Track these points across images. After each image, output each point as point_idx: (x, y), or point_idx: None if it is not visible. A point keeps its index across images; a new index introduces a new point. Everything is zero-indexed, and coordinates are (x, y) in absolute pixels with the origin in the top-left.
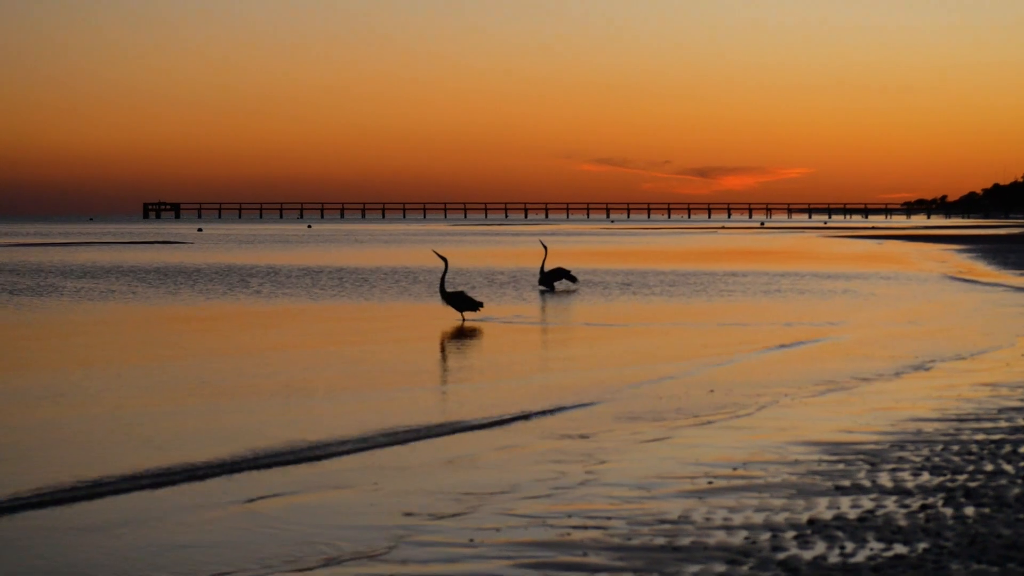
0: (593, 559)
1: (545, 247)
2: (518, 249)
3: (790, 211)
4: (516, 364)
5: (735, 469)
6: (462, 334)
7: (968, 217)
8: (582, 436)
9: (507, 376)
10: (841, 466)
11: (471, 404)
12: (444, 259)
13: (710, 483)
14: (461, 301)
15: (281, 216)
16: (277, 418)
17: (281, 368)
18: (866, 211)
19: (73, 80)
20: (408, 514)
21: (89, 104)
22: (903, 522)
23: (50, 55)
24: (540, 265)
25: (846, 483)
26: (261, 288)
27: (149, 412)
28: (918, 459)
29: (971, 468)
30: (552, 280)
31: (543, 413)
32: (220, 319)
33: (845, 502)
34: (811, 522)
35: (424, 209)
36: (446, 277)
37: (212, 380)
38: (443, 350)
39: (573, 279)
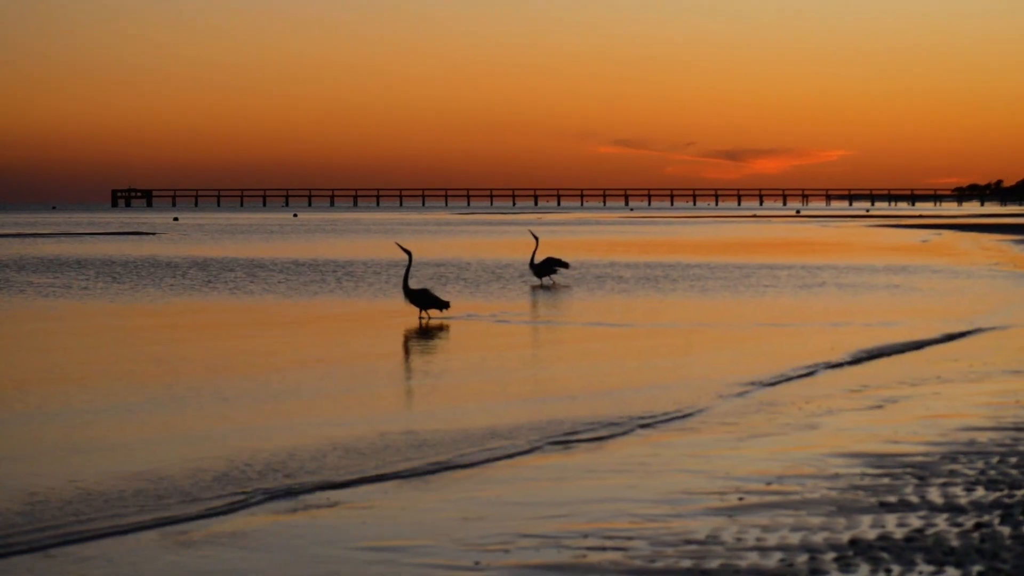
0: None
1: (536, 237)
2: (521, 240)
3: (828, 198)
4: (518, 369)
5: (769, 484)
6: (438, 333)
7: None
8: (598, 448)
9: (505, 383)
10: (886, 480)
11: (471, 414)
12: (408, 252)
13: (741, 499)
14: (425, 299)
15: (264, 204)
16: (243, 447)
17: (261, 382)
18: (912, 198)
19: (28, 53)
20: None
21: (48, 79)
22: (955, 542)
23: (7, 35)
24: (531, 256)
25: (892, 499)
26: (239, 283)
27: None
28: (971, 472)
29: None
30: (544, 272)
31: (553, 424)
32: (190, 321)
33: (891, 520)
34: (853, 542)
35: (423, 196)
36: (410, 271)
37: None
38: (431, 351)
39: (565, 265)
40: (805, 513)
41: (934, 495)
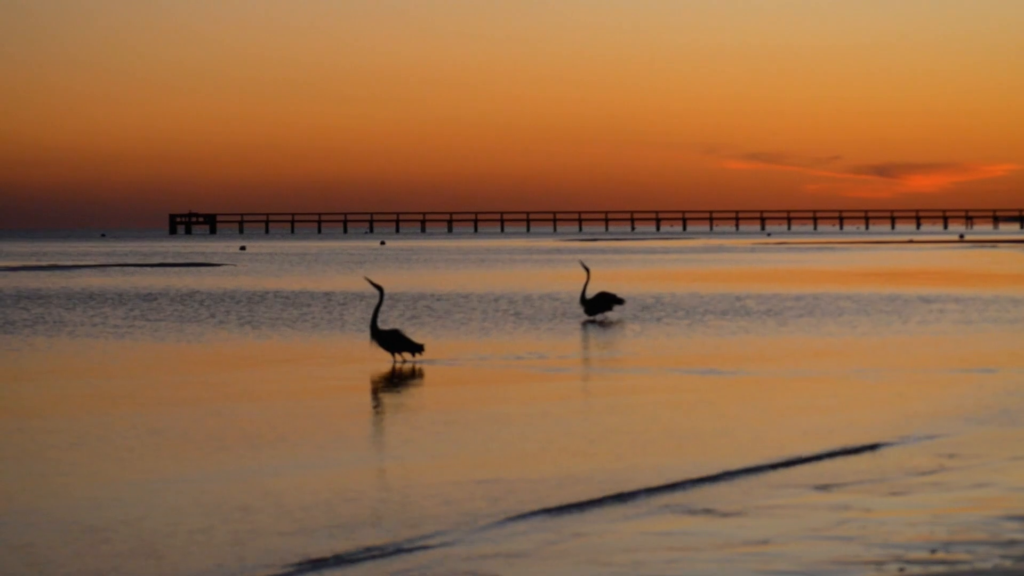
0: None
1: (587, 269)
2: (641, 270)
3: (996, 219)
4: (645, 418)
5: (933, 552)
6: (470, 378)
7: None
8: (729, 511)
9: (625, 435)
10: None
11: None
12: (380, 288)
13: (902, 570)
14: (395, 341)
15: (345, 231)
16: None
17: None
18: None
19: (74, 61)
20: None
21: (96, 88)
22: None
23: (50, 38)
24: (581, 291)
25: None
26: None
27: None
28: None
29: None
30: (598, 308)
31: (668, 488)
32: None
33: None
34: None
35: (527, 221)
36: (380, 310)
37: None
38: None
39: (620, 301)
40: None
41: None
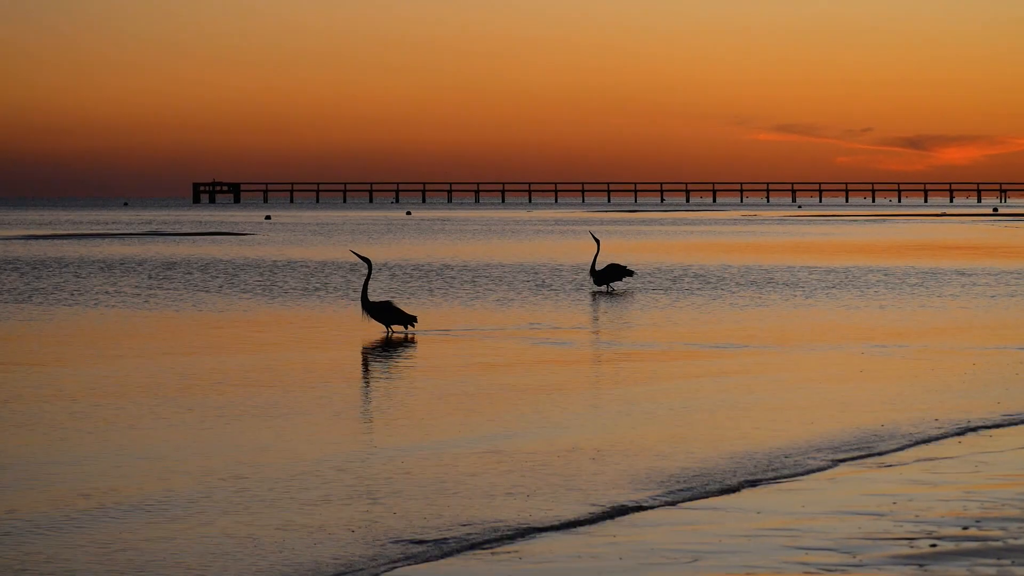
0: None
1: (597, 240)
2: (684, 241)
3: None
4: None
5: (966, 528)
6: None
7: None
8: (756, 487)
9: (674, 421)
10: None
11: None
12: (367, 261)
13: (934, 546)
14: (388, 313)
15: (371, 200)
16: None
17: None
18: None
19: (94, 28)
20: None
21: (118, 56)
22: None
23: (75, 5)
24: (591, 262)
25: None
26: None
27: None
28: None
29: None
30: (607, 279)
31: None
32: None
33: None
34: None
35: (555, 191)
36: (369, 282)
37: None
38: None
39: (630, 273)
40: (1009, 563)
41: None
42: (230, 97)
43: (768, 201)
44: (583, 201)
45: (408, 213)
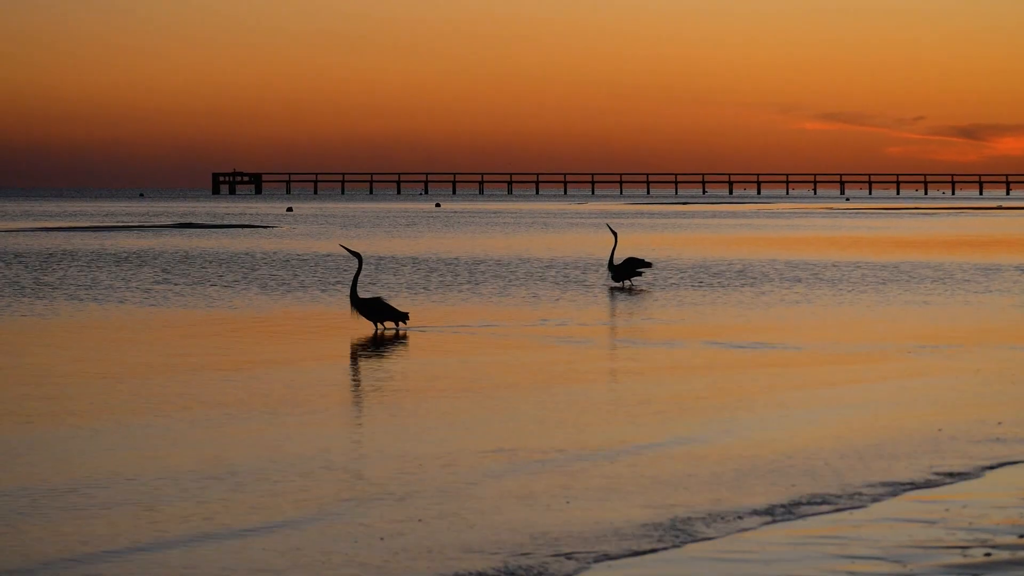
0: None
1: (615, 233)
2: (686, 235)
3: None
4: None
5: (1022, 536)
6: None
7: None
8: (804, 492)
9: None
10: None
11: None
12: (358, 255)
13: (988, 555)
14: (378, 310)
15: (399, 191)
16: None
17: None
18: None
19: (121, 20)
20: None
21: (135, 43)
22: None
23: None
24: (609, 256)
25: None
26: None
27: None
28: None
29: None
30: (625, 274)
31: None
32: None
33: None
34: None
35: (592, 182)
36: (359, 278)
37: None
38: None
39: (648, 265)
40: None
41: None
42: (252, 83)
43: (815, 193)
44: (621, 193)
45: (438, 205)
